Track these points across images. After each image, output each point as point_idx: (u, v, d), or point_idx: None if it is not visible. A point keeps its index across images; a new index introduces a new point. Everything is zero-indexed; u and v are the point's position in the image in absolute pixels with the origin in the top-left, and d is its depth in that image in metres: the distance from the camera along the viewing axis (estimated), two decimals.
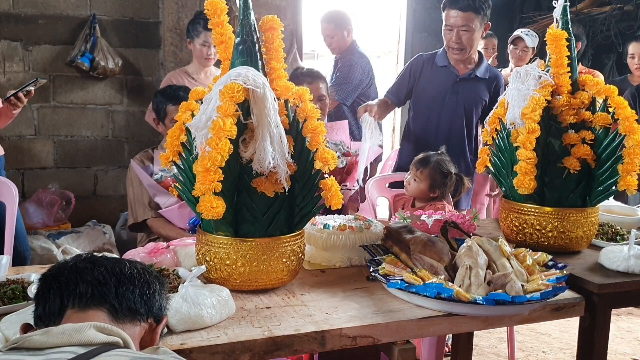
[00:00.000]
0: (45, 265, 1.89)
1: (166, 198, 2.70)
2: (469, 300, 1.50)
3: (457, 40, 3.02)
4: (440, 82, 3.14)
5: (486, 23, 3.05)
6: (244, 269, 1.62)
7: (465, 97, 3.14)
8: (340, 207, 1.73)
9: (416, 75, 3.22)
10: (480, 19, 2.99)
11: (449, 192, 2.69)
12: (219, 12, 1.66)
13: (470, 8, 2.95)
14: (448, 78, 3.14)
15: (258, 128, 1.58)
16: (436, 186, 2.65)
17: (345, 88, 4.08)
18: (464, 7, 2.96)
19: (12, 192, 2.67)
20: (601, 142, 2.01)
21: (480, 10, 2.97)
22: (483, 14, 2.99)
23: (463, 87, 3.13)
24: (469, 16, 2.96)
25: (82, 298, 1.02)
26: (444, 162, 2.68)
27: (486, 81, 3.16)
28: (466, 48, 3.05)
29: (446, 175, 2.64)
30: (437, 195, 2.66)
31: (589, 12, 5.20)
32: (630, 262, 1.83)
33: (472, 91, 3.15)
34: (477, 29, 3.01)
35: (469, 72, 3.14)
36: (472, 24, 2.98)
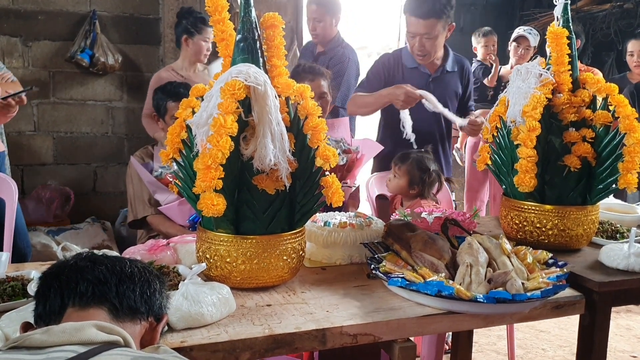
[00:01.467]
0: (44, 262, 1.89)
1: (166, 195, 2.70)
2: (469, 298, 1.50)
3: (420, 47, 2.91)
4: (412, 83, 2.97)
5: (450, 24, 2.93)
6: (244, 266, 1.62)
7: (440, 95, 3.00)
8: (341, 205, 1.73)
9: (389, 75, 3.08)
10: (442, 23, 2.87)
11: (429, 190, 2.67)
12: (220, 9, 1.65)
13: (432, 14, 2.82)
14: (420, 79, 3.02)
15: (259, 125, 1.58)
16: (415, 182, 2.65)
17: (343, 90, 3.86)
18: (425, 14, 2.82)
19: (12, 188, 2.67)
20: (601, 140, 2.01)
21: (442, 14, 2.84)
22: (446, 16, 2.86)
23: (436, 85, 3.05)
24: (430, 23, 2.84)
25: (83, 297, 1.02)
26: (423, 158, 2.67)
27: (456, 73, 3.10)
28: (430, 53, 2.95)
29: (425, 172, 2.63)
30: (417, 191, 2.66)
31: (589, 10, 5.19)
32: (631, 260, 1.83)
33: (446, 87, 3.08)
34: (440, 34, 2.90)
35: (440, 68, 3.06)
36: (435, 30, 2.86)
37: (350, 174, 3.04)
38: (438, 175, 2.68)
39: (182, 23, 3.77)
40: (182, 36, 3.75)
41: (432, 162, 2.70)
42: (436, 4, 2.80)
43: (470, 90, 3.23)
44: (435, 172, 2.67)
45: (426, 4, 2.80)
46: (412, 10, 2.85)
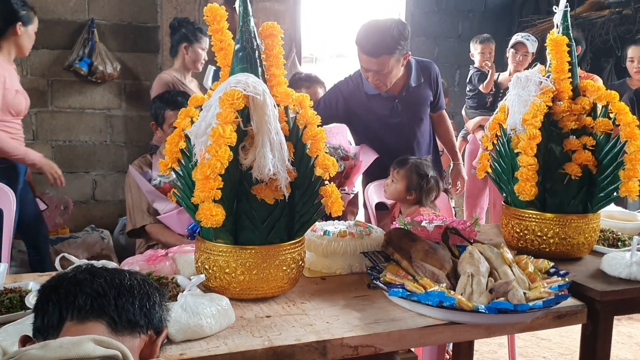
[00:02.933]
0: (42, 274, 1.88)
1: (165, 204, 2.68)
2: (471, 309, 1.49)
3: (374, 81, 2.80)
4: (378, 110, 2.93)
5: (405, 54, 2.77)
6: (243, 277, 1.61)
7: (410, 111, 2.97)
8: (340, 214, 1.72)
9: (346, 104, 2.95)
10: (396, 56, 2.71)
11: (427, 196, 2.65)
12: (219, 18, 1.65)
13: (383, 51, 2.67)
14: (385, 103, 2.93)
15: (258, 135, 1.57)
16: (412, 187, 2.62)
17: None
18: (375, 52, 2.67)
19: (10, 198, 2.66)
20: (602, 148, 2.00)
21: (395, 50, 2.68)
22: (399, 51, 2.70)
23: (404, 104, 2.95)
24: (382, 60, 2.69)
25: (81, 310, 1.01)
26: (422, 164, 2.66)
27: (423, 83, 2.99)
28: (386, 84, 2.82)
29: (423, 177, 2.61)
30: (414, 197, 2.64)
31: (588, 16, 5.19)
32: (633, 269, 1.82)
33: (414, 102, 2.98)
34: (394, 66, 2.75)
35: (404, 88, 2.93)
36: (387, 65, 2.71)
37: (348, 181, 3.03)
38: (436, 182, 2.67)
39: (180, 31, 3.77)
40: (182, 44, 3.76)
41: (431, 169, 2.68)
42: (387, 39, 2.65)
43: (440, 91, 3.12)
44: (434, 179, 2.66)
45: (376, 40, 2.65)
46: (362, 47, 2.71)
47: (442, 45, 5.63)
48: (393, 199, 2.77)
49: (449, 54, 5.64)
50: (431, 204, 2.70)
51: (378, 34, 2.66)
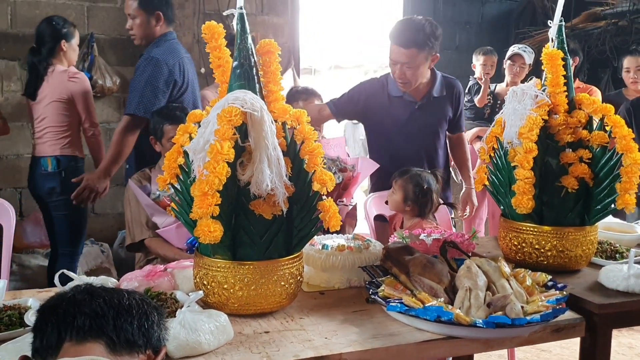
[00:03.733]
0: (41, 290, 1.88)
1: (164, 218, 2.69)
2: (469, 323, 1.49)
3: (400, 76, 2.84)
4: (397, 113, 2.96)
5: (434, 55, 2.85)
6: (242, 292, 1.61)
7: (426, 123, 2.99)
8: (338, 229, 1.73)
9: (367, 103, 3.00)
10: (425, 54, 2.78)
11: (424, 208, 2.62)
12: (216, 36, 1.66)
13: (413, 45, 2.74)
14: (405, 108, 2.96)
15: (256, 151, 1.58)
16: (409, 198, 2.60)
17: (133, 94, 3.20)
18: (405, 43, 2.75)
19: (9, 213, 2.66)
20: (599, 160, 2.01)
21: (425, 45, 2.76)
22: (429, 48, 2.78)
23: (424, 112, 2.97)
24: (411, 53, 2.75)
25: (80, 331, 1.01)
26: (420, 176, 2.64)
27: (445, 97, 3.03)
28: (411, 82, 2.86)
29: (419, 187, 2.59)
30: (411, 208, 2.63)
31: (584, 27, 5.23)
32: (630, 281, 1.82)
33: (434, 113, 3.01)
34: (422, 64, 2.82)
35: (427, 95, 2.97)
36: (416, 60, 2.78)
37: (346, 193, 3.03)
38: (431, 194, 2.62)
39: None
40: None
41: (432, 181, 2.66)
42: (419, 34, 2.76)
43: (461, 110, 3.15)
44: (430, 191, 2.62)
45: (408, 33, 2.76)
46: (394, 38, 2.80)
47: None
48: (394, 210, 2.75)
49: (446, 65, 5.62)
50: (431, 217, 2.69)
51: (411, 27, 2.79)
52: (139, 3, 3.17)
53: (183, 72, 3.23)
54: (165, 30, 3.26)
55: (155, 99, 3.12)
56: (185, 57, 3.27)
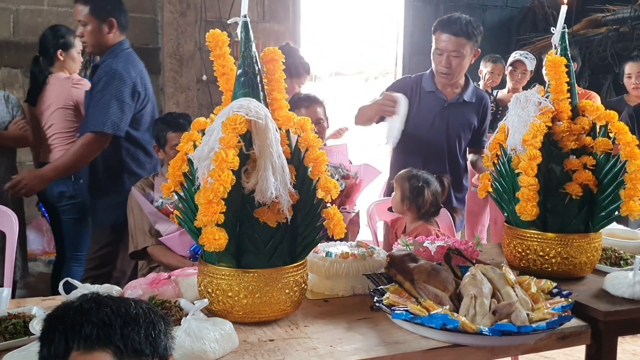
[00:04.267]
0: (45, 298, 1.88)
1: (167, 225, 2.69)
2: (474, 331, 1.49)
3: (446, 64, 2.97)
4: (427, 107, 3.06)
5: (476, 50, 3.01)
6: (246, 300, 1.61)
7: (455, 123, 3.08)
8: (343, 237, 1.73)
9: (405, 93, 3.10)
10: (471, 45, 2.94)
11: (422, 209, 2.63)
12: (220, 44, 1.67)
13: (463, 33, 2.91)
14: (436, 104, 3.07)
15: (260, 159, 1.58)
16: (405, 196, 2.62)
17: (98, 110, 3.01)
18: (456, 31, 2.91)
19: (12, 221, 2.66)
20: (602, 167, 2.01)
21: (472, 36, 2.92)
22: (474, 40, 2.94)
23: (452, 112, 3.08)
24: (460, 41, 2.91)
25: (87, 339, 1.01)
26: (417, 175, 2.65)
27: (474, 105, 3.12)
28: (454, 73, 2.99)
29: (414, 185, 2.60)
30: (408, 207, 2.63)
31: (585, 34, 5.24)
32: (636, 288, 1.81)
33: (460, 116, 3.10)
34: (467, 55, 2.97)
35: (457, 96, 3.08)
36: (463, 49, 2.93)
37: (349, 200, 3.04)
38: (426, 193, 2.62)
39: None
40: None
41: (432, 182, 2.65)
42: (468, 26, 2.92)
43: (486, 125, 3.21)
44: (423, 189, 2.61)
45: (459, 23, 2.92)
46: (443, 27, 2.95)
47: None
48: (396, 212, 2.76)
49: None
50: (433, 221, 2.69)
51: (460, 19, 2.95)
52: (90, 9, 3.04)
53: (144, 84, 3.16)
54: (119, 39, 3.14)
55: (122, 115, 2.99)
56: (143, 68, 3.22)
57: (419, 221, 2.66)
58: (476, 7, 5.79)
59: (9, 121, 3.50)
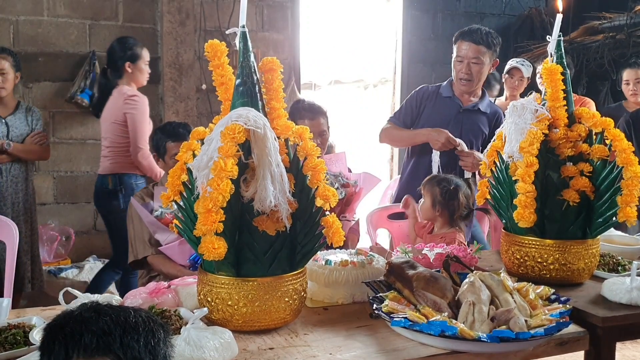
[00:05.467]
0: (45, 308, 1.88)
1: (166, 235, 2.69)
2: (473, 337, 1.49)
3: (467, 71, 3.09)
4: (444, 112, 3.18)
5: (495, 59, 3.15)
6: (246, 309, 1.62)
7: (468, 128, 3.16)
8: (342, 245, 1.73)
9: (421, 106, 3.26)
10: (490, 54, 3.09)
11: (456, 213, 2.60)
12: (219, 54, 1.68)
13: (482, 42, 3.06)
14: (452, 108, 3.19)
15: (259, 167, 1.59)
16: (437, 201, 2.59)
17: None
18: (477, 40, 3.06)
19: (12, 231, 2.67)
20: (599, 174, 2.02)
21: (492, 45, 3.07)
22: (493, 49, 3.09)
23: (466, 118, 3.18)
24: (480, 49, 3.06)
25: (87, 348, 1.02)
26: (446, 178, 2.64)
27: (487, 115, 3.21)
28: (474, 80, 3.12)
29: (447, 190, 2.58)
30: (440, 213, 2.60)
31: (582, 41, 5.27)
32: (633, 294, 1.82)
33: (474, 123, 3.18)
34: (486, 63, 3.10)
35: (473, 104, 3.19)
36: (483, 57, 3.07)
37: (349, 208, 3.05)
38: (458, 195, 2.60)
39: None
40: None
41: (461, 185, 2.65)
42: (488, 36, 3.08)
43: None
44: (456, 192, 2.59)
45: (480, 32, 3.08)
46: (464, 36, 3.10)
47: (438, 71, 5.69)
48: (426, 219, 2.72)
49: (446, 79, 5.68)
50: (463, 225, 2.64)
51: (481, 29, 3.13)
52: None
53: None
54: None
55: None
56: None
57: (449, 227, 2.62)
58: (474, 15, 5.83)
59: (27, 134, 3.54)
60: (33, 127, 3.59)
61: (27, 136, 3.56)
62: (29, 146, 3.55)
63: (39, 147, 3.61)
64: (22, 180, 3.58)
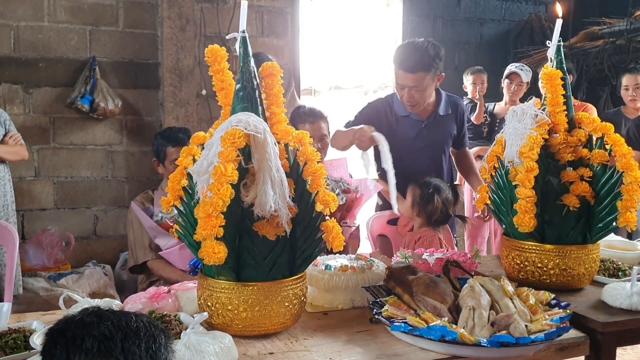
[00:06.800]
0: (46, 312, 1.88)
1: (166, 240, 2.70)
2: (473, 342, 1.49)
3: (409, 99, 2.88)
4: (405, 131, 2.99)
5: (439, 75, 2.89)
6: (246, 314, 1.62)
7: (434, 140, 3.04)
8: (342, 249, 1.74)
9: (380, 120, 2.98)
10: (431, 75, 2.82)
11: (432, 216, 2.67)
12: (219, 59, 1.69)
13: (419, 68, 2.78)
14: (413, 126, 3.00)
15: (259, 172, 1.59)
16: (416, 203, 2.68)
17: None
18: (413, 68, 2.78)
19: (13, 236, 2.67)
20: (599, 179, 2.02)
21: (431, 67, 2.80)
22: (434, 68, 2.81)
23: (430, 131, 3.02)
24: (418, 76, 2.80)
25: (89, 353, 1.02)
26: (429, 182, 2.69)
27: (450, 115, 3.08)
28: (419, 104, 2.91)
29: (425, 193, 2.65)
30: (417, 213, 2.68)
31: (582, 47, 5.27)
32: (634, 299, 1.82)
33: (440, 131, 3.05)
34: (429, 86, 2.86)
35: (432, 114, 3.02)
36: (423, 82, 2.81)
37: (349, 214, 3.05)
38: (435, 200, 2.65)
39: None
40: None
41: (443, 190, 2.68)
42: (424, 57, 2.78)
43: (464, 129, 3.22)
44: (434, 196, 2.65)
45: (414, 57, 2.78)
46: (399, 64, 2.83)
47: None
48: (407, 216, 2.80)
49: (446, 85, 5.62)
50: (441, 230, 2.69)
51: (416, 51, 2.80)
52: None
53: None
54: None
55: None
56: None
57: (427, 227, 2.68)
58: (474, 21, 5.84)
59: (3, 135, 3.52)
60: (7, 128, 3.57)
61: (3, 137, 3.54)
62: (12, 147, 3.54)
63: (21, 146, 3.61)
64: (7, 181, 3.59)
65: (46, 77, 4.37)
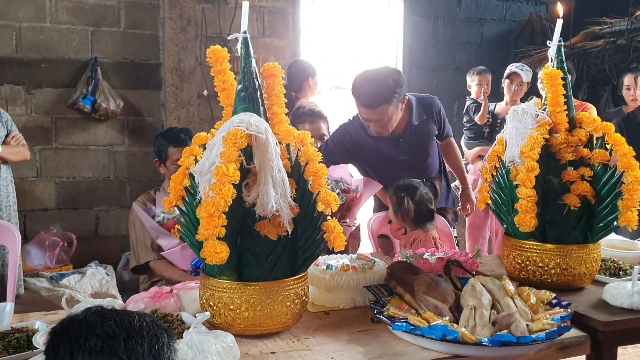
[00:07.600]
0: (48, 312, 1.89)
1: (168, 240, 2.71)
2: (474, 342, 1.50)
3: (375, 129, 2.86)
4: (383, 147, 2.97)
5: (402, 99, 2.82)
6: (247, 313, 1.62)
7: (416, 149, 3.02)
8: (343, 249, 1.74)
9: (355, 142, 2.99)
10: (393, 104, 2.75)
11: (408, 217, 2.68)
12: (221, 60, 1.69)
13: (381, 102, 2.72)
14: (390, 143, 2.98)
15: (261, 172, 1.60)
16: (395, 208, 2.70)
17: None
18: (373, 104, 2.73)
19: (15, 236, 2.68)
20: (600, 178, 2.02)
21: (392, 98, 2.72)
22: (396, 98, 2.74)
23: (408, 141, 3.00)
24: (380, 111, 2.74)
25: (92, 352, 1.03)
26: (400, 186, 2.70)
27: (427, 119, 3.04)
28: (387, 130, 2.87)
29: (397, 197, 2.68)
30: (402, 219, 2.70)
31: (583, 46, 5.27)
32: (635, 298, 1.82)
33: (419, 139, 3.03)
34: (394, 113, 2.80)
35: (407, 126, 2.97)
36: (387, 113, 2.76)
37: (350, 213, 3.05)
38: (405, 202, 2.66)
39: None
40: None
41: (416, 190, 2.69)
42: (384, 90, 2.71)
43: (444, 123, 3.16)
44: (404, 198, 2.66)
45: (373, 93, 2.71)
46: (359, 99, 2.76)
47: (439, 77, 5.71)
48: (397, 224, 2.81)
49: (447, 85, 5.72)
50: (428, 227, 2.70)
51: (374, 86, 2.71)
52: None
53: None
54: None
55: None
56: None
57: (416, 229, 2.69)
58: (474, 21, 5.85)
59: (4, 136, 3.52)
60: (9, 129, 3.58)
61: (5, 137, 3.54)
62: (14, 147, 3.55)
63: (23, 147, 3.61)
64: (9, 182, 3.59)
65: (48, 77, 4.39)
